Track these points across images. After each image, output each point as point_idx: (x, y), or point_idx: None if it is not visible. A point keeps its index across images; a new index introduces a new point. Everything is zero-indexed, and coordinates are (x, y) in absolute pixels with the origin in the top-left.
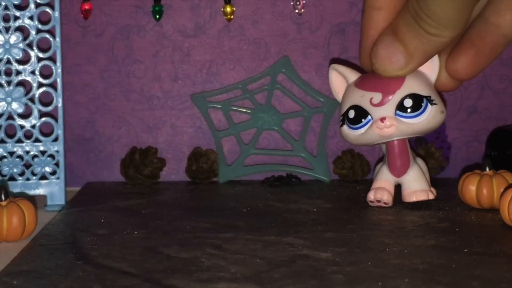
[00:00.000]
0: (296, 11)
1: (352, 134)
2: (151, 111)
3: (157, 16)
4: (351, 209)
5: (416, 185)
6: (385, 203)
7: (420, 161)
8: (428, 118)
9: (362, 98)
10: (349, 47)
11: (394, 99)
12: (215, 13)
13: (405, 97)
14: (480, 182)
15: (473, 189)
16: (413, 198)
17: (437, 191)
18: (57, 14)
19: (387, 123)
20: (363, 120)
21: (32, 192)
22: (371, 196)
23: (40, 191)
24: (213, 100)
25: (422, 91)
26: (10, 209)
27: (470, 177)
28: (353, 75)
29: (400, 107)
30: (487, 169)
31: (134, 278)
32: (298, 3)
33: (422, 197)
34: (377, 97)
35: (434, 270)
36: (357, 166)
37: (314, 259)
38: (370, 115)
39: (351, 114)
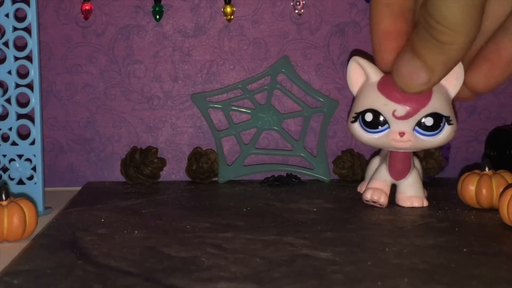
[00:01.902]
0: (296, 11)
1: (363, 135)
2: (151, 111)
3: (157, 17)
4: (351, 209)
5: (413, 191)
6: (380, 204)
7: (417, 163)
8: (443, 137)
9: (385, 106)
10: (349, 47)
11: (417, 116)
12: (215, 13)
13: (427, 115)
14: (479, 182)
15: (472, 189)
16: (408, 204)
17: (437, 191)
18: (34, 10)
19: (404, 138)
20: (380, 127)
21: None
22: (368, 196)
23: None
24: (213, 100)
25: (444, 110)
26: (10, 209)
27: (469, 177)
28: (375, 73)
29: (420, 124)
30: (487, 169)
31: (134, 277)
32: (298, 3)
33: (417, 203)
34: (401, 110)
35: (433, 270)
36: (357, 166)
37: (314, 259)
38: (389, 125)
39: (369, 117)
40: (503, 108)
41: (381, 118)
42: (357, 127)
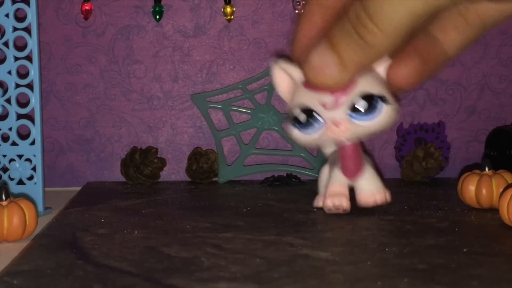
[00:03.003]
0: (296, 11)
1: (304, 137)
2: (151, 111)
3: (157, 17)
4: (351, 208)
5: (373, 185)
6: (344, 210)
7: (368, 158)
8: (383, 119)
9: (312, 99)
10: None
11: (346, 100)
12: (215, 13)
13: (358, 98)
14: (479, 182)
15: (472, 189)
16: (371, 201)
17: (437, 191)
18: (34, 11)
19: (341, 128)
20: (315, 124)
21: None
22: (329, 203)
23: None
24: (213, 100)
25: (375, 89)
26: (10, 209)
27: (469, 177)
28: (299, 73)
29: (353, 108)
30: (487, 169)
31: (134, 277)
32: (298, 3)
33: (380, 199)
34: (327, 98)
35: (433, 270)
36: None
37: (314, 259)
38: (322, 119)
39: (302, 117)
40: (503, 109)
41: (313, 114)
42: (296, 132)
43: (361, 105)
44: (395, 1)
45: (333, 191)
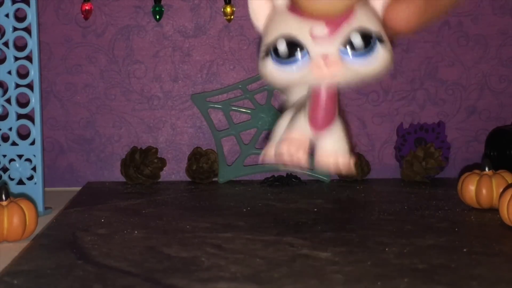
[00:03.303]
0: None
1: (278, 71)
2: (151, 111)
3: (157, 17)
4: (351, 209)
5: (337, 146)
6: (298, 163)
7: (339, 118)
8: (378, 61)
9: (299, 27)
10: None
11: (340, 33)
12: (215, 13)
13: (355, 32)
14: (479, 182)
15: (472, 189)
16: (331, 160)
17: (437, 191)
18: (34, 11)
19: (331, 65)
20: (298, 58)
21: None
22: (284, 148)
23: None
24: (213, 100)
25: (373, 26)
26: (11, 209)
27: (469, 177)
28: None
29: (347, 44)
30: (487, 169)
31: (134, 277)
32: None
33: (342, 162)
34: (319, 28)
35: (433, 270)
36: (357, 166)
37: (314, 259)
38: (307, 50)
39: (282, 46)
40: (503, 109)
41: (297, 43)
42: (269, 64)
43: (358, 42)
44: None
45: (291, 137)
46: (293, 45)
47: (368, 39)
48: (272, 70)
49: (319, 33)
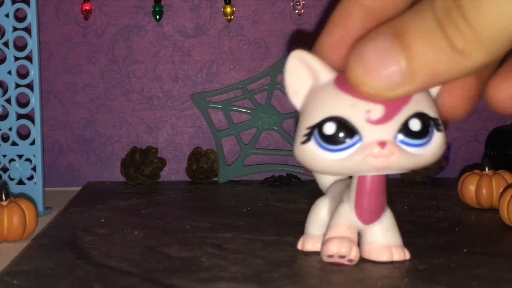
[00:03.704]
0: (296, 11)
1: (324, 158)
2: (151, 111)
3: (157, 17)
4: None
5: (390, 238)
6: (350, 260)
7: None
8: (435, 148)
9: (353, 108)
10: None
11: (399, 118)
12: (215, 13)
13: (412, 116)
14: (479, 182)
15: (472, 189)
16: (385, 257)
17: (437, 191)
18: (34, 11)
19: (386, 151)
20: (347, 140)
21: None
22: (333, 248)
23: None
24: (213, 100)
25: (431, 110)
26: (10, 209)
27: (469, 177)
28: (327, 71)
29: (404, 129)
30: (487, 169)
31: (134, 277)
32: (298, 3)
33: (398, 256)
34: (377, 110)
35: (433, 270)
36: None
37: (314, 259)
38: (361, 136)
39: (330, 129)
40: None
41: (349, 127)
42: (311, 149)
43: (416, 127)
44: (499, 0)
45: (339, 234)
46: (344, 129)
47: (427, 125)
48: (315, 157)
49: (377, 116)
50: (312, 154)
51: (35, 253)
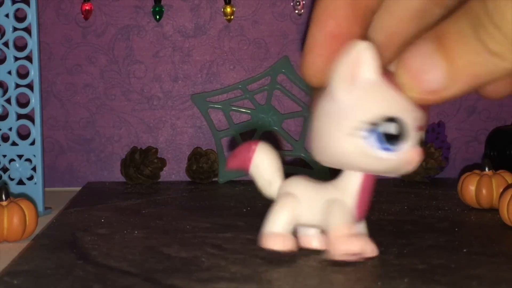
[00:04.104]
0: (296, 11)
1: (376, 156)
2: (152, 111)
3: (157, 17)
4: None
5: (365, 235)
6: (363, 256)
7: None
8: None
9: (409, 113)
10: None
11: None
12: (215, 13)
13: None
14: (479, 182)
15: (472, 189)
16: (375, 251)
17: (437, 191)
18: (34, 11)
19: (419, 154)
20: (402, 142)
21: None
22: (353, 247)
23: None
24: (213, 100)
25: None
26: (10, 209)
27: (469, 177)
28: (377, 68)
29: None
30: (487, 169)
31: (134, 277)
32: (298, 3)
33: (371, 251)
34: (421, 116)
35: (433, 270)
36: None
37: (314, 259)
38: (408, 139)
39: (392, 129)
40: (503, 109)
41: (405, 129)
42: (364, 146)
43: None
44: None
45: (351, 233)
46: (402, 131)
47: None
48: (369, 153)
49: (422, 122)
50: (361, 150)
51: (35, 253)
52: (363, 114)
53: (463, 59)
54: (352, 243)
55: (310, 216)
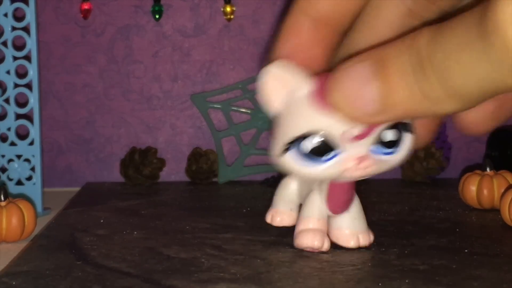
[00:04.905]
0: None
1: (304, 168)
2: (151, 111)
3: (157, 16)
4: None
5: (357, 225)
6: (321, 251)
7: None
8: (405, 151)
9: (332, 126)
10: None
11: (376, 132)
12: (215, 13)
13: (387, 128)
14: (480, 183)
15: (473, 189)
16: (352, 243)
17: (438, 191)
18: (32, 10)
19: (363, 165)
20: (327, 155)
21: None
22: (307, 242)
23: None
24: (213, 100)
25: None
26: (9, 210)
27: (470, 177)
28: (305, 82)
29: (380, 141)
30: (488, 169)
31: (133, 278)
32: None
33: (363, 241)
34: (357, 130)
35: (434, 271)
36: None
37: (314, 260)
38: (340, 150)
39: (310, 144)
40: None
41: (328, 142)
42: (291, 160)
43: (391, 137)
44: (464, 68)
45: (311, 227)
46: (324, 144)
47: (399, 132)
48: (295, 166)
49: (355, 133)
50: (291, 164)
51: (34, 253)
52: (285, 131)
53: (400, 93)
54: (303, 239)
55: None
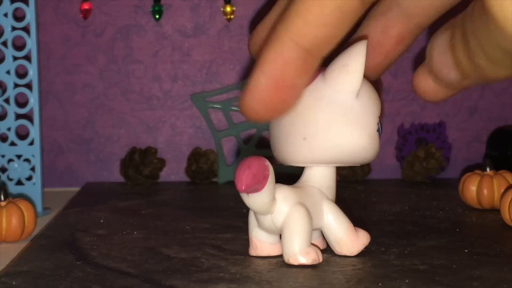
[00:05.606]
0: None
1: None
2: (151, 111)
3: (157, 16)
4: (351, 209)
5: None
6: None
7: None
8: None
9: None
10: None
11: None
12: (215, 13)
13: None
14: (480, 183)
15: (473, 189)
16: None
17: (438, 191)
18: (32, 10)
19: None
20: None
21: None
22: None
23: None
24: (213, 100)
25: None
26: (9, 210)
27: (470, 178)
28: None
29: None
30: (488, 169)
31: (133, 278)
32: None
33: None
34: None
35: (434, 271)
36: (357, 166)
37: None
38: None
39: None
40: (504, 108)
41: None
42: (377, 137)
43: None
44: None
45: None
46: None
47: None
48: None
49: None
50: (377, 139)
51: (34, 253)
52: (375, 109)
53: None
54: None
55: (316, 221)
